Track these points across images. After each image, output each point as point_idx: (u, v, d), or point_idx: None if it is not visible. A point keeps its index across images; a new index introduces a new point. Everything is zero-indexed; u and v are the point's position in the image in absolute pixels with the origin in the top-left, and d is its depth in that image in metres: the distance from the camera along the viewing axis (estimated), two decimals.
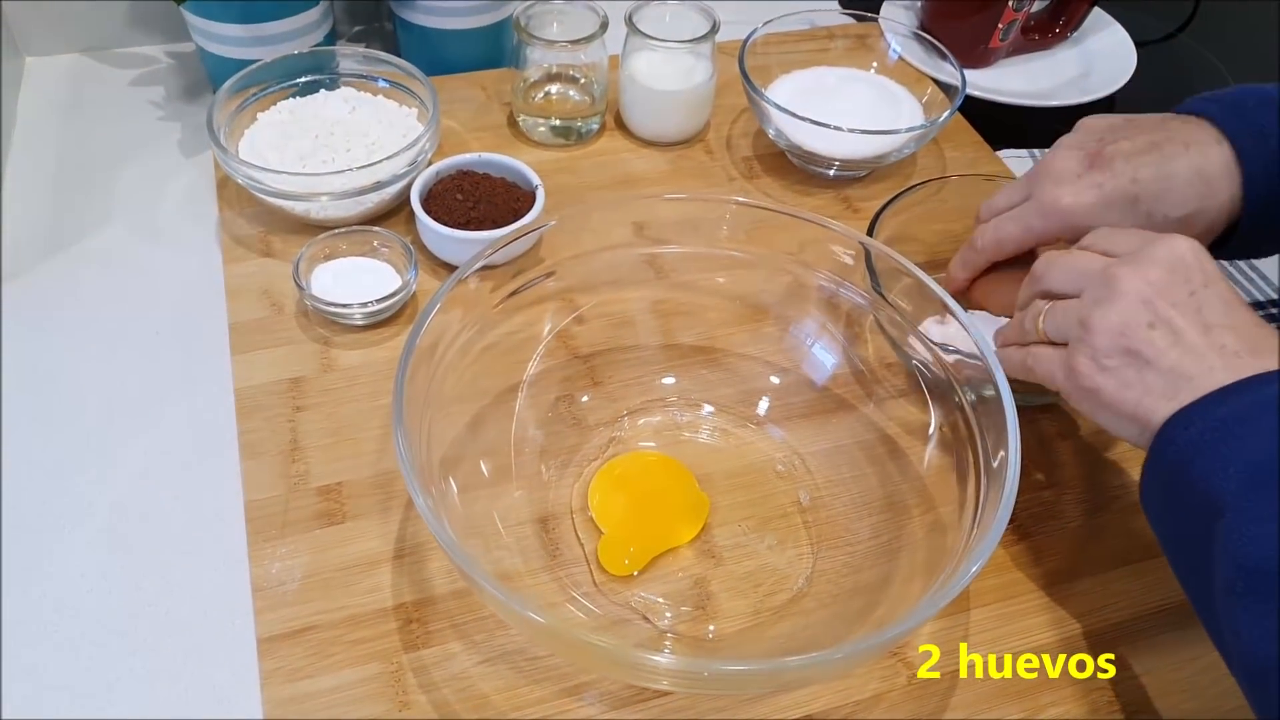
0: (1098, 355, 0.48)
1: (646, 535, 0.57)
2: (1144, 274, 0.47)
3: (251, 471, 0.58)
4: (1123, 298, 0.47)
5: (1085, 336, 0.48)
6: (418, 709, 0.50)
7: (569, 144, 0.84)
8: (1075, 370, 0.49)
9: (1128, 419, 0.48)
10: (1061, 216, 0.56)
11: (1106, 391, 0.48)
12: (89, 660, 0.51)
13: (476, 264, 0.57)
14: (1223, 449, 0.43)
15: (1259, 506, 0.41)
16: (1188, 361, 0.46)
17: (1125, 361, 0.47)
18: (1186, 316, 0.46)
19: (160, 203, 0.76)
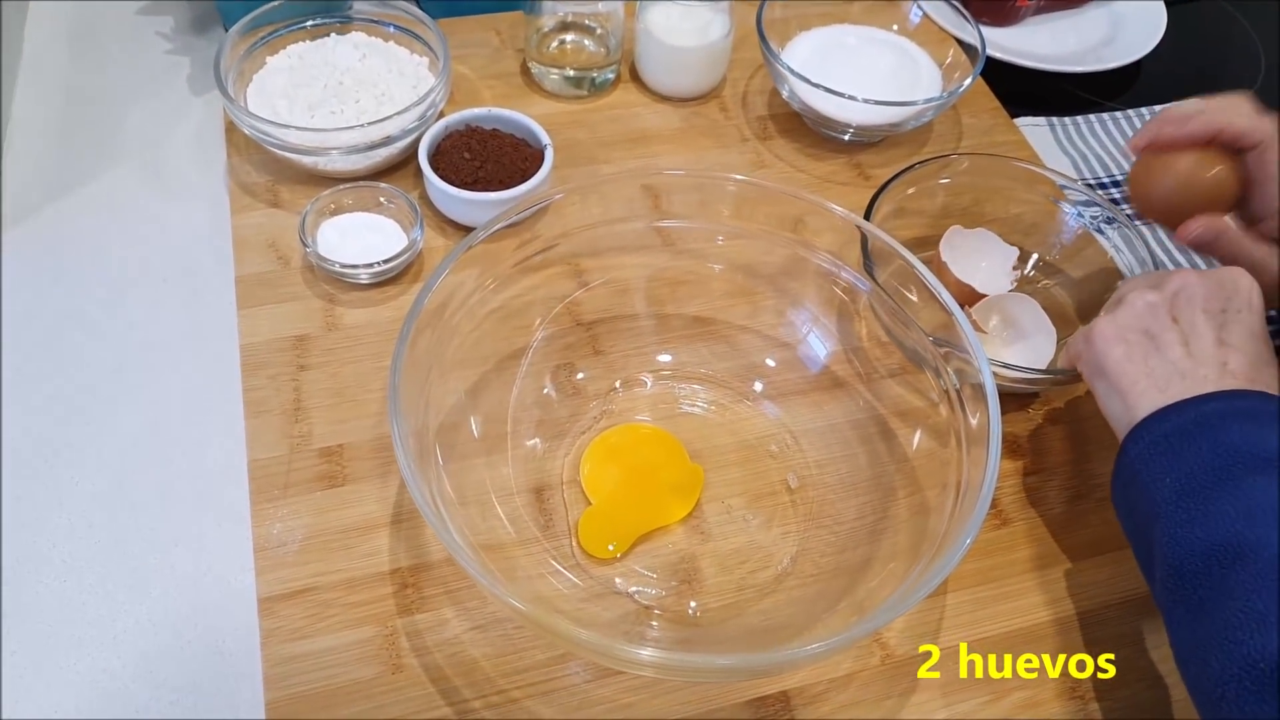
0: (1120, 325, 0.53)
1: (635, 512, 0.58)
2: (1196, 277, 0.53)
3: (255, 430, 0.60)
4: (1166, 288, 0.53)
5: (1118, 309, 0.54)
6: (410, 672, 0.52)
7: (582, 95, 0.83)
8: (1095, 333, 0.54)
9: (1119, 394, 0.52)
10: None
11: (1113, 359, 0.52)
12: (96, 611, 0.54)
13: (479, 237, 0.57)
14: (1163, 461, 0.48)
15: (1183, 513, 0.47)
16: (1188, 363, 0.50)
17: (1140, 339, 0.52)
18: (1209, 326, 0.51)
19: (168, 145, 0.77)
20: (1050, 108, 0.90)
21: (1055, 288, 0.71)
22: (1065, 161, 0.86)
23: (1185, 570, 0.45)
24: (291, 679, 0.51)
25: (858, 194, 0.77)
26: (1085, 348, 0.54)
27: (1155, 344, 0.52)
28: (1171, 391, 0.50)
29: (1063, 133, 0.88)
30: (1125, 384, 0.52)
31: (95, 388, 0.62)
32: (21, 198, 0.72)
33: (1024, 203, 0.72)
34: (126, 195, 0.73)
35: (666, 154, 0.80)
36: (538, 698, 0.52)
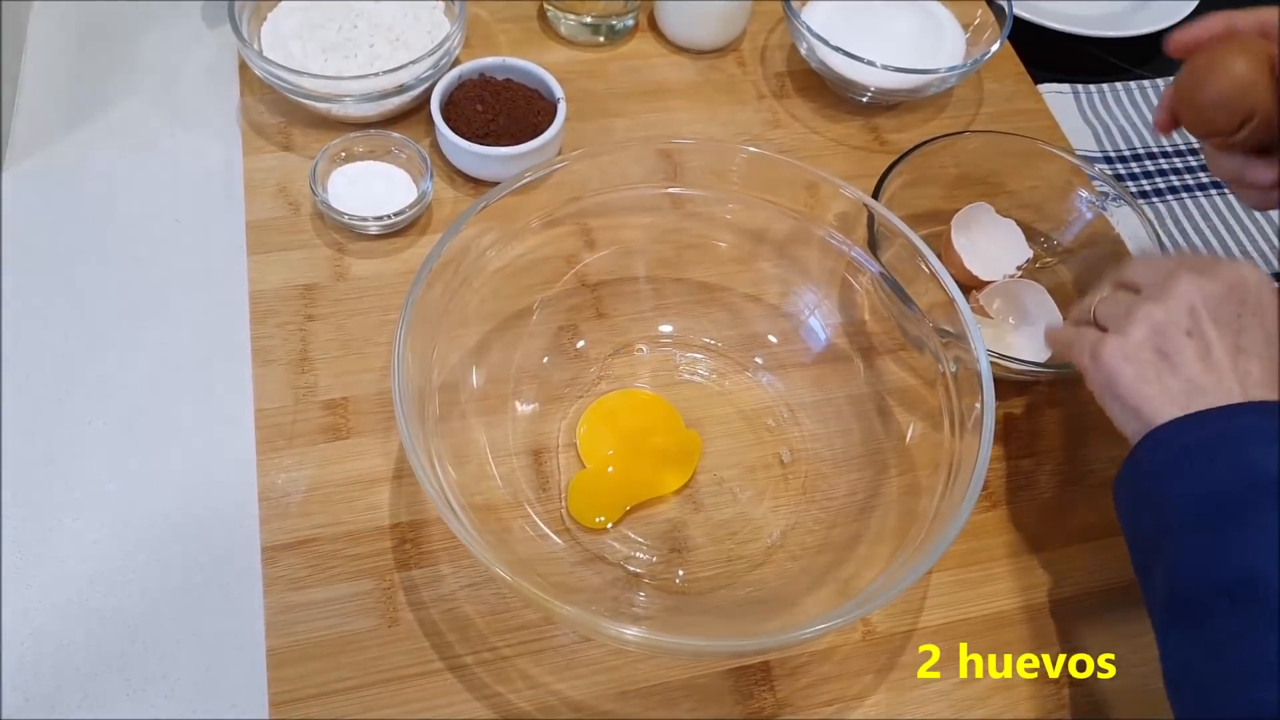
0: (1128, 345, 0.49)
1: (628, 481, 0.60)
2: (1201, 284, 0.49)
3: (262, 379, 0.61)
4: (1172, 299, 0.49)
5: (1126, 325, 0.50)
6: (405, 626, 0.54)
7: (599, 42, 0.82)
8: (1102, 353, 0.50)
9: (1133, 412, 0.49)
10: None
11: (1124, 380, 0.49)
12: (105, 553, 0.55)
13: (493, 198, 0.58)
14: (1181, 477, 0.46)
15: (1199, 538, 0.44)
16: (1208, 378, 0.47)
17: (1152, 358, 0.48)
18: (1224, 335, 0.48)
19: (182, 77, 0.76)
20: (1076, 71, 0.88)
21: (1063, 267, 0.71)
22: (1087, 132, 0.84)
23: (1194, 599, 0.44)
24: (292, 627, 0.53)
25: (872, 159, 0.77)
26: (1092, 366, 0.51)
27: (1169, 362, 0.48)
28: (1193, 407, 0.47)
29: (1086, 101, 0.87)
30: (1141, 403, 0.48)
31: (105, 325, 0.63)
32: (35, 129, 0.72)
33: (1038, 179, 0.72)
34: (140, 129, 0.73)
35: (681, 109, 0.79)
36: (528, 656, 0.54)
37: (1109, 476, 0.64)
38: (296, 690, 0.51)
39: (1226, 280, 0.49)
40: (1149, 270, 0.53)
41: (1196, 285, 0.49)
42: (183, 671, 0.52)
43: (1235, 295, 0.49)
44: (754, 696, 0.55)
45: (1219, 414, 0.46)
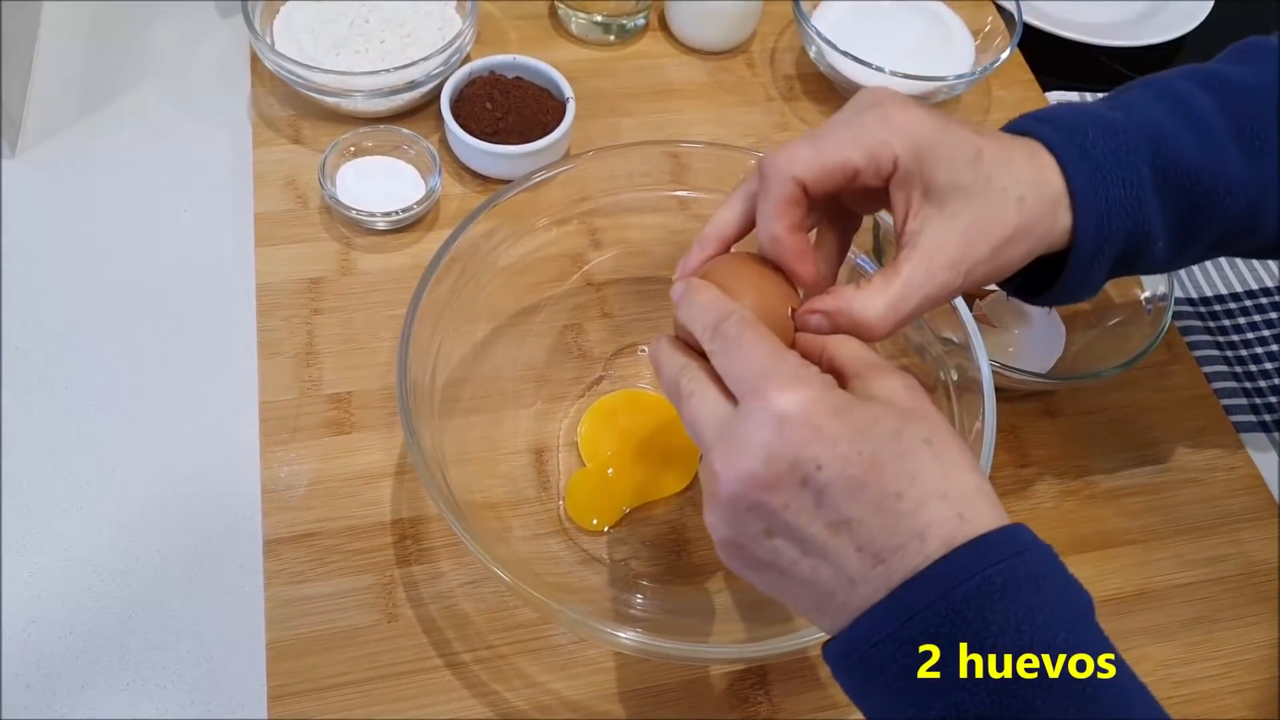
0: (727, 554, 0.39)
1: (628, 483, 0.60)
2: (737, 469, 0.35)
3: (268, 372, 0.61)
4: (725, 504, 0.36)
5: (711, 527, 0.38)
6: (404, 622, 0.54)
7: (609, 41, 0.82)
8: (718, 547, 0.39)
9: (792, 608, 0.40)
10: (886, 123, 0.42)
11: (755, 582, 0.39)
12: (106, 543, 0.56)
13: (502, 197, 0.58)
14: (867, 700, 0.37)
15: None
16: (823, 574, 0.36)
17: (758, 565, 0.38)
18: (804, 519, 0.35)
19: (193, 68, 0.76)
20: (1085, 79, 0.88)
21: None
22: None
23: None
24: (292, 621, 0.53)
25: None
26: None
27: (774, 568, 0.37)
28: (833, 615, 0.37)
29: None
30: (789, 604, 0.39)
31: (110, 313, 0.64)
32: (46, 116, 0.72)
33: None
34: (150, 118, 0.73)
35: (690, 110, 0.79)
36: (526, 655, 0.54)
37: (1108, 487, 0.64)
38: (295, 684, 0.52)
39: (759, 447, 0.35)
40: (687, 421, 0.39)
41: (733, 474, 0.35)
42: (181, 663, 0.52)
43: (784, 461, 0.35)
44: (750, 700, 0.55)
45: (848, 638, 0.36)
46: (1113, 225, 0.44)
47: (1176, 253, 0.48)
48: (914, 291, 0.42)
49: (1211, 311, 0.75)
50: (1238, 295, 0.76)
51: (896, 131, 0.41)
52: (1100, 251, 0.45)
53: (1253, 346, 0.73)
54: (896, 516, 0.35)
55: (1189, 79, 0.48)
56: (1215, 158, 0.45)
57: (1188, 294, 0.75)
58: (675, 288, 0.42)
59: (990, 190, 0.42)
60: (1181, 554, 0.62)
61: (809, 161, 0.40)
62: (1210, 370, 0.71)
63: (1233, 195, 0.46)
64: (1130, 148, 0.45)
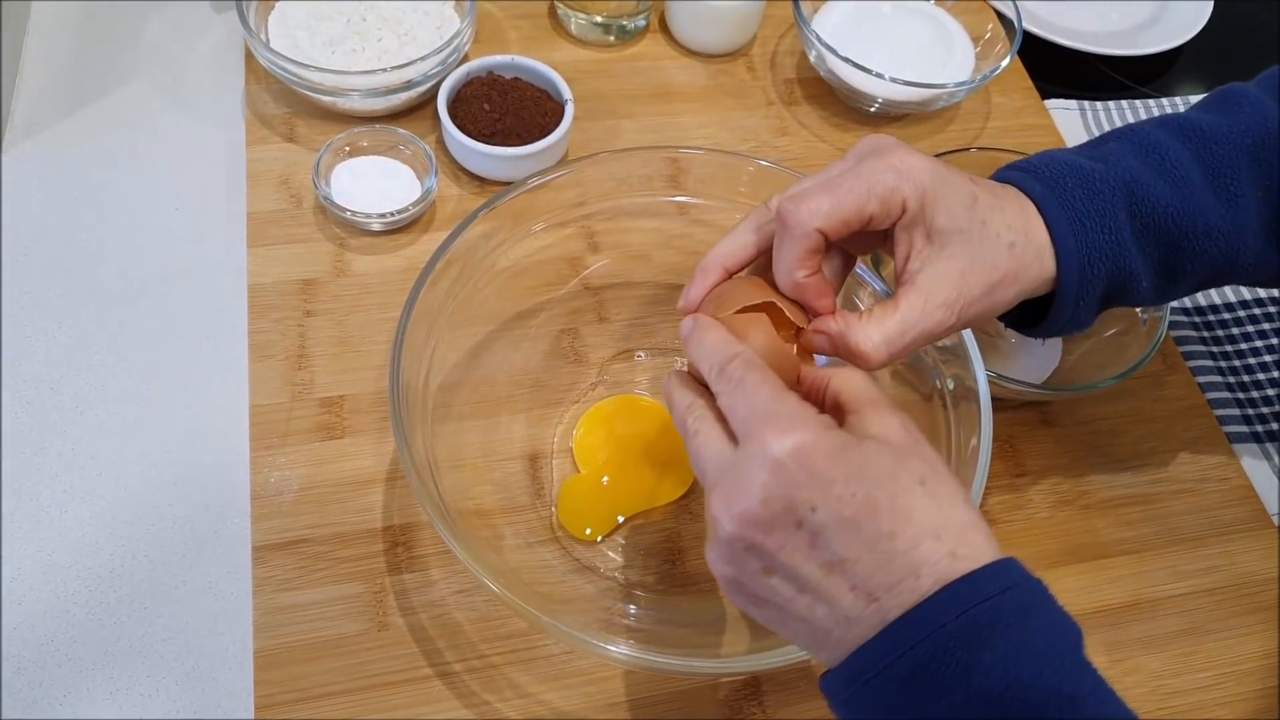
0: (727, 589, 0.40)
1: (622, 492, 0.59)
2: (734, 509, 0.37)
3: (258, 375, 0.61)
4: (725, 544, 0.38)
5: (711, 563, 0.40)
6: (394, 631, 0.54)
7: (609, 42, 0.81)
8: (713, 569, 0.40)
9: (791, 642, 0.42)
10: (896, 172, 0.43)
11: (755, 616, 0.40)
12: (95, 544, 0.55)
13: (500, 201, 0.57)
14: None
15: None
16: (818, 612, 0.37)
17: (756, 601, 0.39)
18: (799, 559, 0.37)
19: (186, 63, 0.75)
20: (1084, 87, 0.88)
21: None
22: None
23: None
24: (280, 629, 0.53)
25: None
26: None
27: (772, 605, 0.39)
28: (829, 650, 0.38)
29: (1093, 118, 0.86)
30: (788, 638, 0.41)
31: (100, 312, 0.63)
32: (35, 111, 0.71)
33: None
34: (142, 114, 0.72)
35: (689, 113, 0.79)
36: (517, 665, 0.54)
37: (1103, 498, 0.64)
38: (283, 693, 0.51)
39: (758, 490, 0.36)
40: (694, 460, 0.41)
41: (730, 514, 0.37)
42: (168, 671, 0.51)
43: (779, 503, 0.36)
44: (742, 710, 0.54)
45: (838, 679, 0.38)
46: (1094, 269, 0.47)
47: (1163, 290, 0.51)
48: (910, 328, 0.44)
49: (1206, 322, 0.75)
50: (1232, 306, 0.76)
51: (905, 178, 0.43)
52: (1084, 294, 0.47)
53: (1246, 358, 0.73)
54: (890, 556, 0.36)
55: (1164, 128, 0.50)
56: (1191, 204, 0.48)
57: (1183, 304, 0.75)
58: (684, 324, 0.44)
59: (985, 234, 0.45)
60: (1174, 565, 0.62)
61: (829, 213, 0.42)
62: (1204, 381, 0.71)
63: (1210, 239, 0.49)
64: (1107, 196, 0.47)
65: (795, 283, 0.44)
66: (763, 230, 0.46)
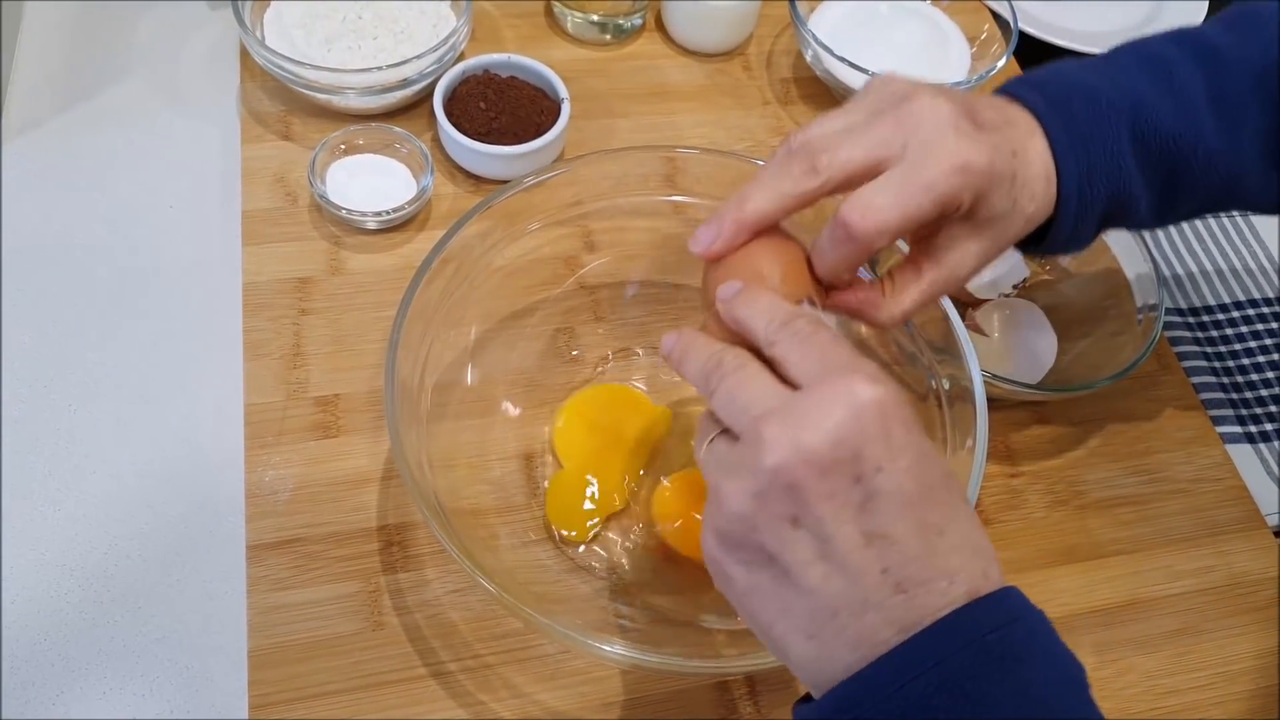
0: (725, 536, 0.35)
1: (608, 481, 0.59)
2: (797, 439, 0.33)
3: (253, 373, 0.60)
4: (764, 474, 0.33)
5: (713, 506, 0.35)
6: (389, 631, 0.54)
7: (605, 40, 0.81)
8: (704, 540, 0.36)
9: (760, 633, 0.36)
10: (962, 175, 0.42)
11: (736, 590, 0.36)
12: (88, 543, 0.55)
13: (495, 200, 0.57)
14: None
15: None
16: (833, 586, 0.33)
17: (758, 559, 0.35)
18: (842, 518, 0.33)
19: (181, 60, 0.75)
20: None
21: (1060, 287, 0.71)
22: None
23: None
24: (275, 628, 0.53)
25: None
26: (704, 550, 0.37)
27: (777, 565, 0.34)
28: (825, 639, 0.34)
29: None
30: (763, 630, 0.36)
31: (93, 310, 0.62)
32: (29, 108, 0.71)
33: None
34: (136, 111, 0.72)
35: (685, 112, 0.79)
36: (512, 664, 0.54)
37: (1098, 498, 0.64)
38: (278, 693, 0.51)
39: (833, 426, 0.33)
40: (719, 395, 0.37)
41: (790, 441, 0.33)
42: (161, 671, 0.51)
43: (848, 447, 0.33)
44: (737, 710, 0.54)
45: (849, 687, 0.33)
46: (1094, 188, 0.47)
47: (1161, 213, 0.51)
48: (928, 299, 0.46)
49: (1200, 323, 0.75)
50: (1226, 307, 0.76)
51: (967, 181, 0.42)
52: (1083, 213, 0.48)
53: (1240, 358, 0.73)
54: (933, 551, 0.33)
55: (1178, 45, 0.50)
56: (1193, 128, 0.48)
57: (1177, 305, 0.75)
58: (725, 288, 0.42)
59: (1014, 215, 0.45)
60: (1169, 565, 0.63)
61: (895, 228, 0.42)
62: (1198, 381, 0.71)
63: (1211, 164, 0.48)
64: (1112, 118, 0.47)
65: (837, 276, 0.45)
66: (804, 197, 0.44)
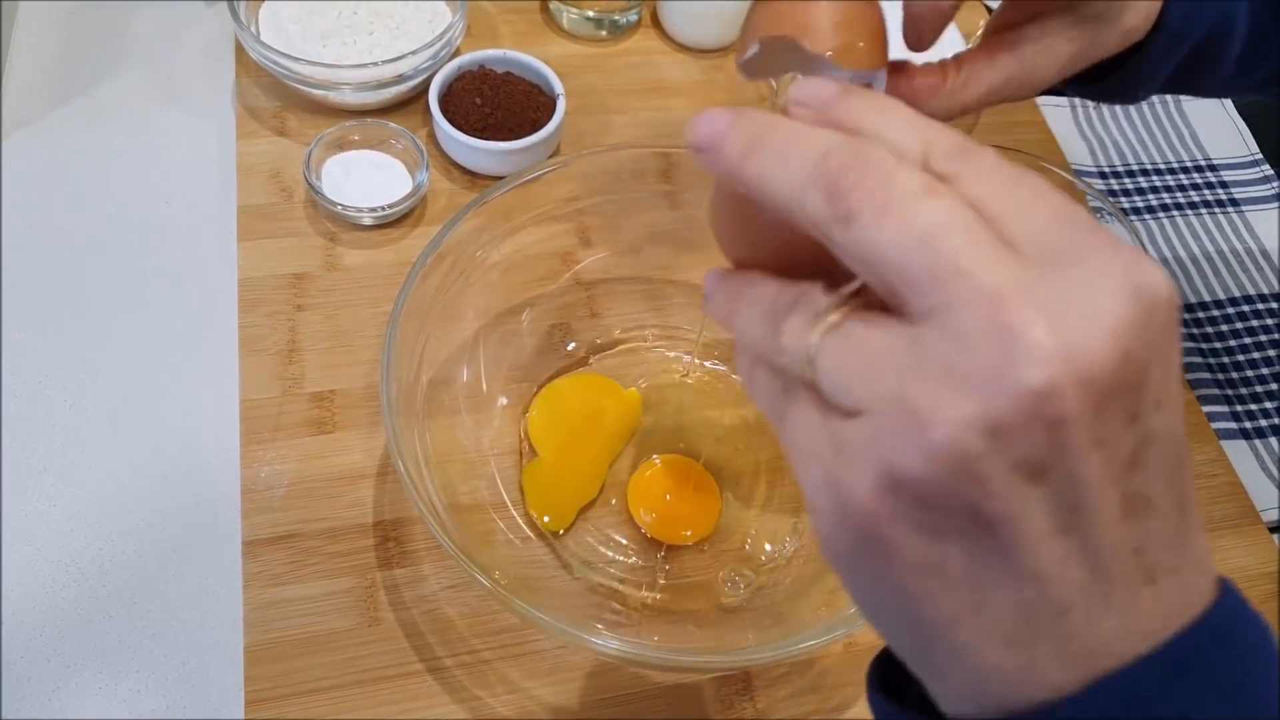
0: (905, 485, 0.22)
1: (583, 474, 0.59)
2: (1076, 344, 0.20)
3: (249, 369, 0.60)
4: (1012, 392, 0.20)
5: (899, 426, 0.22)
6: (385, 626, 0.54)
7: (601, 36, 0.81)
8: (849, 483, 0.23)
9: (919, 633, 0.24)
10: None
11: (898, 562, 0.23)
12: (83, 539, 0.55)
13: (491, 195, 0.57)
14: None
15: None
16: (1073, 573, 0.22)
17: (956, 525, 0.22)
18: (1108, 476, 0.22)
19: (176, 55, 0.75)
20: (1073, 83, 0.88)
21: None
22: (1083, 146, 0.85)
23: None
24: (271, 624, 0.53)
25: None
26: (845, 502, 0.23)
27: (994, 541, 0.22)
28: (1038, 648, 0.23)
29: (1083, 115, 0.87)
30: (928, 629, 0.24)
31: (88, 306, 0.62)
32: (22, 104, 0.70)
33: None
34: (130, 107, 0.72)
35: (681, 108, 0.78)
36: (509, 660, 0.54)
37: None
38: (273, 688, 0.51)
39: (1123, 335, 0.21)
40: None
41: (1066, 354, 0.20)
42: (157, 666, 0.51)
43: (1136, 370, 0.21)
44: (734, 706, 0.54)
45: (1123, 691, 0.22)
46: (1198, 14, 0.44)
47: (1244, 66, 0.47)
48: (995, 95, 0.42)
49: (1195, 319, 0.75)
50: (1221, 303, 0.76)
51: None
52: (1178, 40, 0.44)
53: (1235, 354, 0.73)
54: (1186, 528, 0.23)
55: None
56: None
57: None
58: (825, 86, 0.26)
59: (1116, 20, 0.42)
60: None
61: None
62: (1193, 377, 0.71)
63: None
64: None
65: (921, 39, 0.39)
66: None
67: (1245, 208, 0.81)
